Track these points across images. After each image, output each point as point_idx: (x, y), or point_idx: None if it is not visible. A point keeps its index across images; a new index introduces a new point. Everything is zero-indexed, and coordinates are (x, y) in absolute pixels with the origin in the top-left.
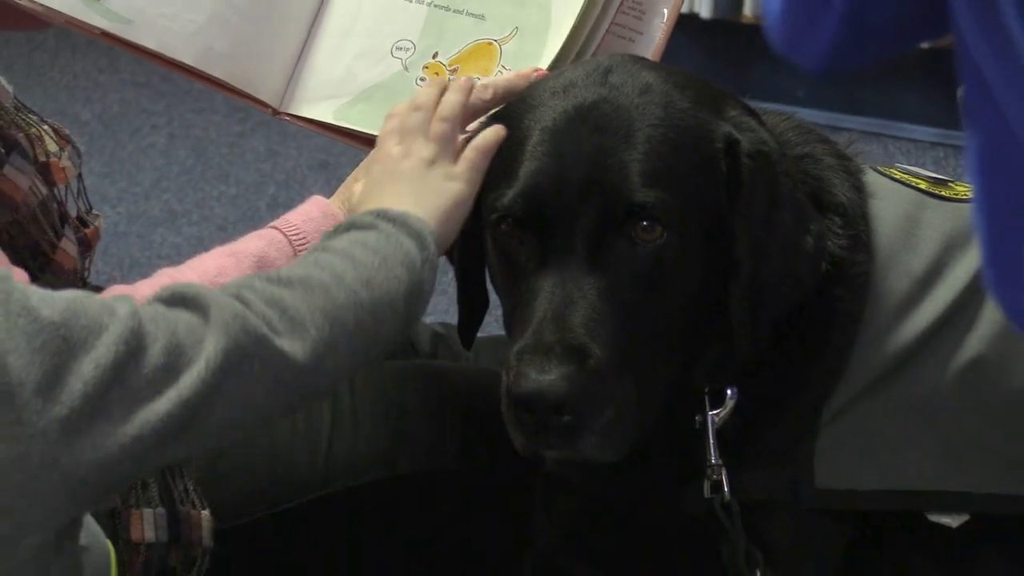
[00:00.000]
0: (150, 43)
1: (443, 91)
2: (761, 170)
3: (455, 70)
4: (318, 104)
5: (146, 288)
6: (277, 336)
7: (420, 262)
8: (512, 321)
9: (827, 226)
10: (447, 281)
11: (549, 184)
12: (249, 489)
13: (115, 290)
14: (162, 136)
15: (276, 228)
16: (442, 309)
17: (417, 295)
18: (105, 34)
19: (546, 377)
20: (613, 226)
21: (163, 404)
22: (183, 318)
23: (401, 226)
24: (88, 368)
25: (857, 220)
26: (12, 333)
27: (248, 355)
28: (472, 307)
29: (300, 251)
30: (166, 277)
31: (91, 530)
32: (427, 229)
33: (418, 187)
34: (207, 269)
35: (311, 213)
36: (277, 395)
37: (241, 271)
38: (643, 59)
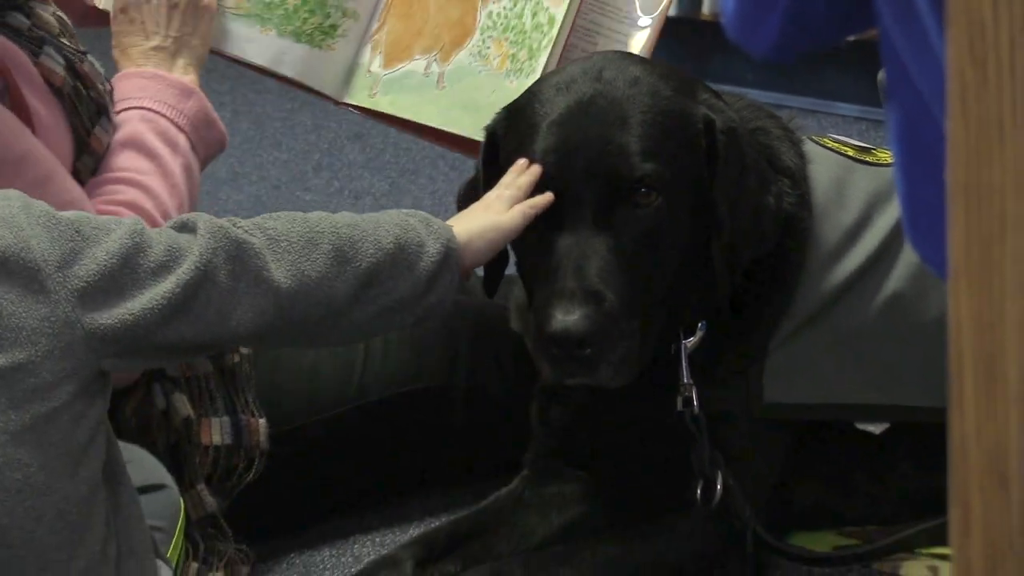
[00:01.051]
0: (233, 51)
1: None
2: (732, 144)
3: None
4: (360, 93)
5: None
6: (256, 242)
7: (425, 242)
8: (533, 274)
9: (782, 187)
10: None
11: (558, 168)
12: (299, 400)
13: None
14: (227, 111)
15: (151, 110)
16: None
17: (408, 268)
18: None
19: (571, 317)
20: (617, 196)
21: (166, 285)
22: (181, 235)
23: (424, 218)
24: (100, 254)
25: (800, 181)
26: (33, 226)
27: (231, 255)
28: (496, 261)
29: (177, 120)
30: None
31: (166, 478)
32: (445, 227)
33: (467, 215)
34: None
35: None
36: (259, 293)
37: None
38: (630, 55)
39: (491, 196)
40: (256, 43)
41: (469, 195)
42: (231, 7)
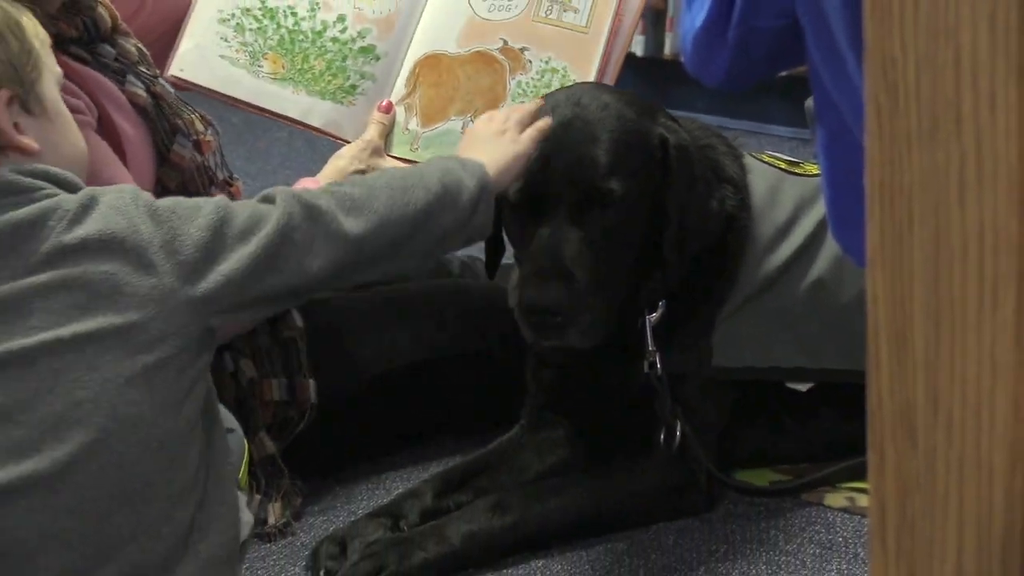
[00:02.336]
0: (272, 107)
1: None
2: (683, 158)
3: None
4: (401, 147)
5: None
6: (324, 203)
7: (464, 180)
8: (520, 258)
9: (724, 193)
10: None
11: (541, 177)
12: (336, 368)
13: None
14: (284, 132)
15: None
16: (473, 248)
17: (453, 204)
18: (237, 100)
19: (545, 292)
20: (588, 198)
21: (249, 247)
22: (262, 204)
23: (459, 160)
24: (193, 230)
25: (741, 188)
26: (141, 214)
27: (304, 216)
28: (494, 251)
29: None
30: None
31: (235, 424)
32: (478, 164)
33: (490, 146)
34: None
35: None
36: (331, 243)
37: None
38: (604, 86)
39: (500, 120)
40: (290, 101)
41: None
42: (270, 73)
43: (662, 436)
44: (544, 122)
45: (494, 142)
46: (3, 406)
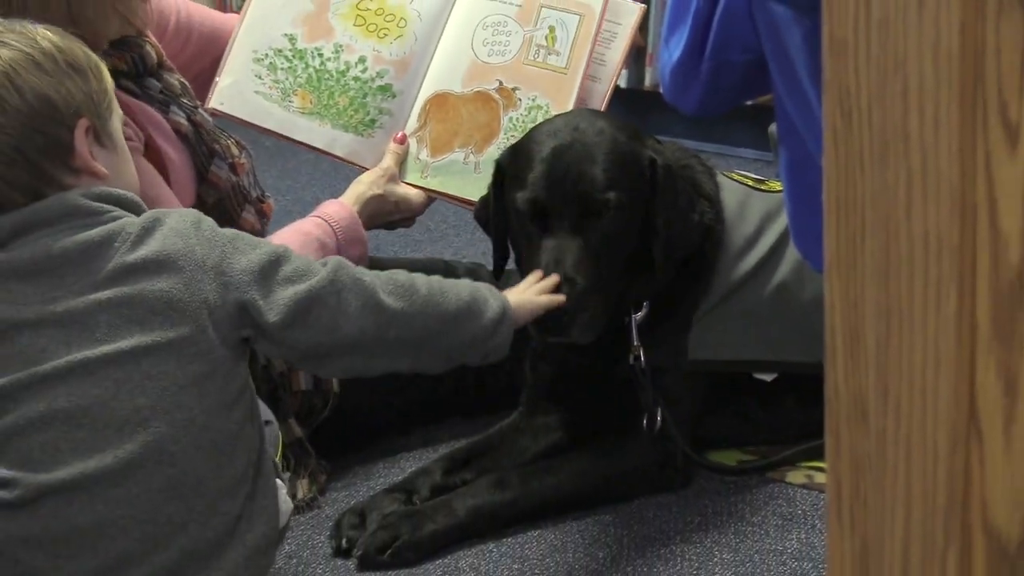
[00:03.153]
0: (300, 137)
1: None
2: (668, 177)
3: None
4: (413, 175)
5: None
6: (368, 280)
7: (490, 301)
8: (528, 264)
9: (703, 207)
10: (479, 232)
11: (547, 192)
12: None
13: None
14: (311, 156)
15: (321, 218)
16: (477, 255)
17: (479, 317)
18: (269, 131)
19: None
20: (587, 211)
21: (291, 292)
22: (314, 262)
23: (488, 288)
24: (245, 261)
25: (716, 203)
26: (199, 237)
27: (347, 284)
28: (500, 257)
29: (339, 236)
30: None
31: (271, 415)
32: (503, 296)
33: (515, 292)
34: (288, 239)
35: (338, 210)
36: (364, 315)
37: (303, 247)
38: (600, 112)
39: (526, 286)
40: (316, 132)
41: (482, 212)
42: (299, 107)
43: (644, 422)
44: (555, 299)
45: (518, 290)
46: (67, 411)
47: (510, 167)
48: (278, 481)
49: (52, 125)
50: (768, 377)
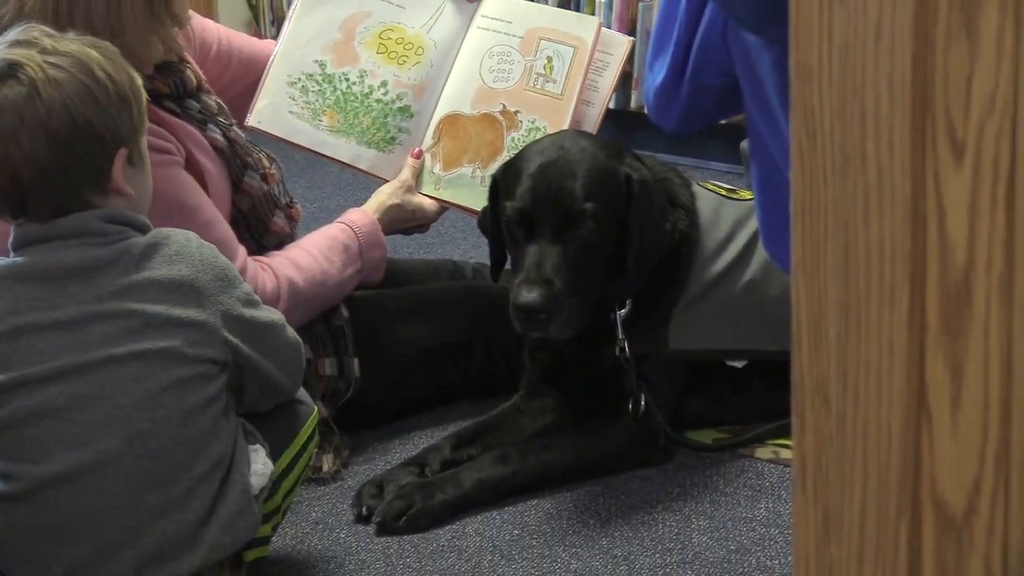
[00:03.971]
0: (328, 152)
1: None
2: (643, 191)
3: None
4: (428, 187)
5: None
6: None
7: None
8: (515, 267)
9: (678, 216)
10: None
11: (531, 203)
12: (375, 350)
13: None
14: (337, 168)
15: (346, 224)
16: (482, 257)
17: None
18: (301, 146)
19: (531, 295)
20: (567, 221)
21: (272, 313)
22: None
23: None
24: (236, 292)
25: (691, 212)
26: (203, 264)
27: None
28: (498, 260)
29: (362, 240)
30: (287, 249)
31: (306, 399)
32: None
33: None
34: (315, 243)
35: (361, 217)
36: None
37: (330, 249)
38: (584, 132)
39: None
40: (343, 148)
41: (483, 220)
42: (327, 126)
43: (630, 405)
44: None
45: None
46: (58, 407)
47: (503, 181)
48: (256, 448)
49: (98, 156)
50: (739, 364)
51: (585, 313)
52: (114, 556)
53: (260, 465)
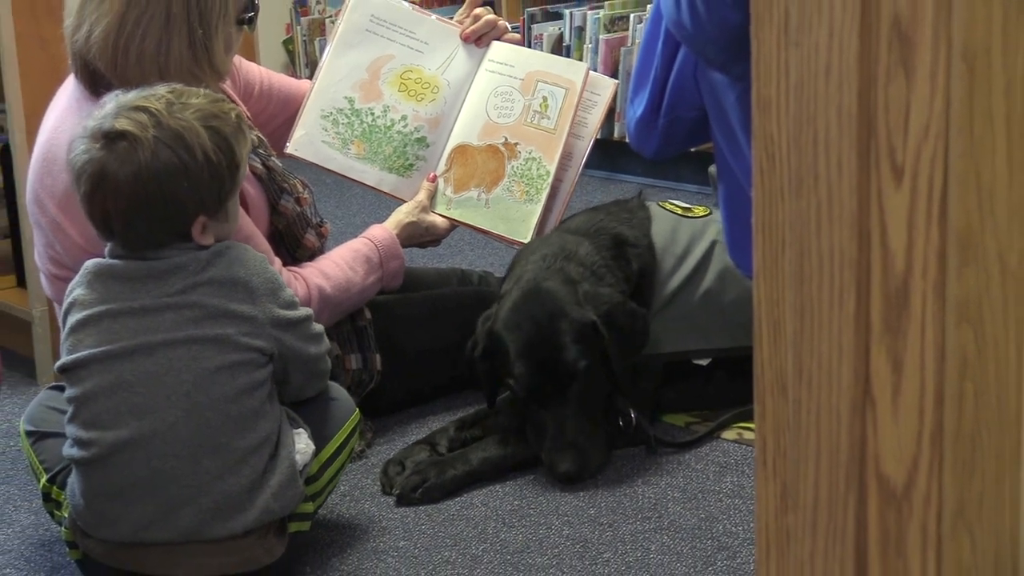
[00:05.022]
0: (354, 176)
1: None
2: (608, 324)
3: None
4: (441, 207)
5: (309, 267)
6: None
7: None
8: (534, 427)
9: (632, 255)
10: (489, 249)
11: (534, 382)
12: (394, 346)
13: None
14: (362, 190)
15: (368, 238)
16: (487, 265)
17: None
18: (332, 171)
19: (566, 465)
20: (567, 383)
21: (303, 312)
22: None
23: None
24: (280, 297)
25: (645, 243)
26: (257, 270)
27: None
28: (492, 394)
29: (382, 252)
30: (318, 261)
31: (339, 395)
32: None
33: None
34: (341, 255)
35: (381, 232)
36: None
37: (354, 260)
38: (543, 293)
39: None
40: (368, 173)
41: (471, 356)
42: (355, 154)
43: (620, 422)
44: None
45: None
46: (131, 382)
47: (491, 350)
48: (300, 431)
49: (179, 221)
50: (704, 361)
51: (609, 445)
52: (176, 513)
53: (303, 445)
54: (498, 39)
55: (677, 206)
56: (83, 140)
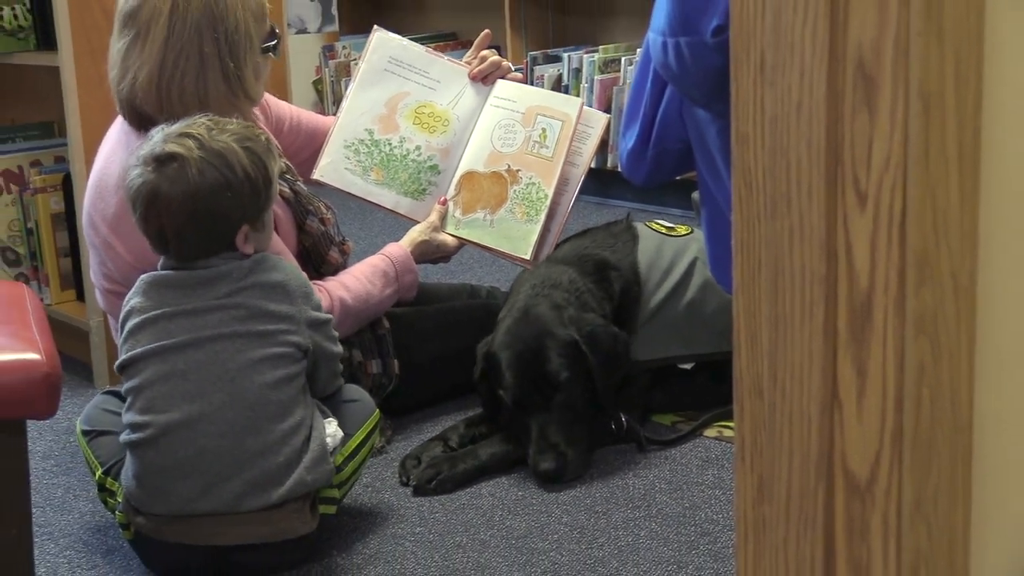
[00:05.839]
0: (371, 199)
1: None
2: (591, 342)
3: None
4: (450, 227)
5: (332, 281)
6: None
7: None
8: (520, 429)
9: (615, 278)
10: (495, 266)
11: (522, 393)
12: (410, 353)
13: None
14: (381, 212)
15: (385, 255)
16: (494, 280)
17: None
18: (353, 195)
19: (547, 464)
20: (551, 393)
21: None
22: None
23: None
24: (313, 301)
25: (629, 263)
26: (293, 277)
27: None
28: (492, 411)
29: (398, 267)
30: (340, 275)
31: (359, 396)
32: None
33: None
34: (361, 270)
35: (397, 249)
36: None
37: (372, 275)
38: (533, 318)
39: None
40: (384, 196)
41: (478, 383)
42: (374, 180)
43: (612, 426)
44: None
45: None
46: (183, 370)
47: (489, 368)
48: (330, 420)
49: (225, 231)
50: (688, 365)
51: (589, 451)
52: (221, 487)
53: (332, 429)
54: (502, 78)
55: (662, 226)
56: (136, 166)
